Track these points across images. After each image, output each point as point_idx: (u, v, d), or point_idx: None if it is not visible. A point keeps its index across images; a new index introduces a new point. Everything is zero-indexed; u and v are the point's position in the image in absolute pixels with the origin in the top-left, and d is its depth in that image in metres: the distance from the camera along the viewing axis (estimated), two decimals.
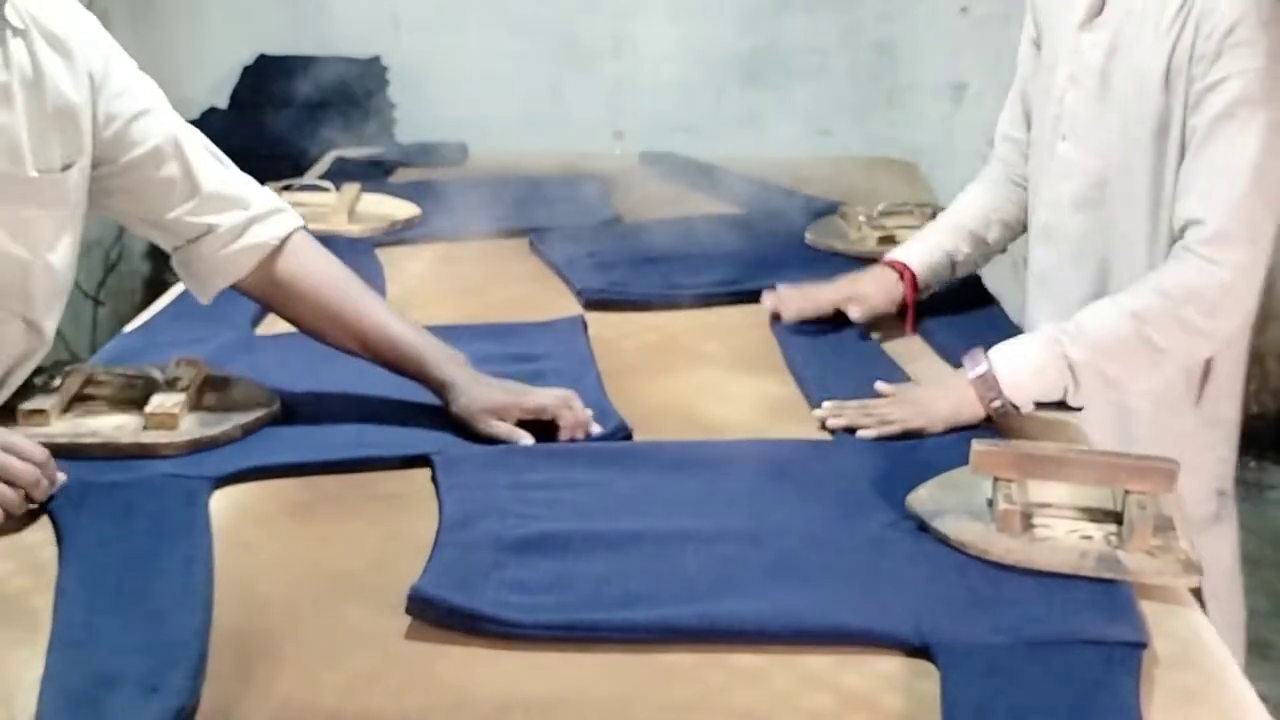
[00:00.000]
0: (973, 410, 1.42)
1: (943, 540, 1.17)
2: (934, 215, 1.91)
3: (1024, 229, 1.77)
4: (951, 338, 1.67)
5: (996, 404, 1.41)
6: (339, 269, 1.50)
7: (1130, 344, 1.42)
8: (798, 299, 1.73)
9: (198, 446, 1.35)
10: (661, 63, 3.38)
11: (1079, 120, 1.56)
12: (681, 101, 3.39)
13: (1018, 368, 1.42)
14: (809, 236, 2.08)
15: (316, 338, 1.48)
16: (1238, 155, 1.41)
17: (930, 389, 1.48)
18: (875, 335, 1.70)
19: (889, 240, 1.98)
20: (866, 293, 1.71)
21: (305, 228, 1.52)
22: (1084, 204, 1.59)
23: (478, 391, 1.40)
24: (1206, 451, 1.63)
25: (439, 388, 1.43)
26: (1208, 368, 1.59)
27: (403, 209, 2.23)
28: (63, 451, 1.30)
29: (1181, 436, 1.56)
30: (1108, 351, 1.42)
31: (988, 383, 1.42)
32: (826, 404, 1.47)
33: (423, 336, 1.46)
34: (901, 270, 1.72)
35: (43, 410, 1.36)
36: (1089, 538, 1.17)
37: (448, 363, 1.43)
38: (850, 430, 1.42)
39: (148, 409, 1.37)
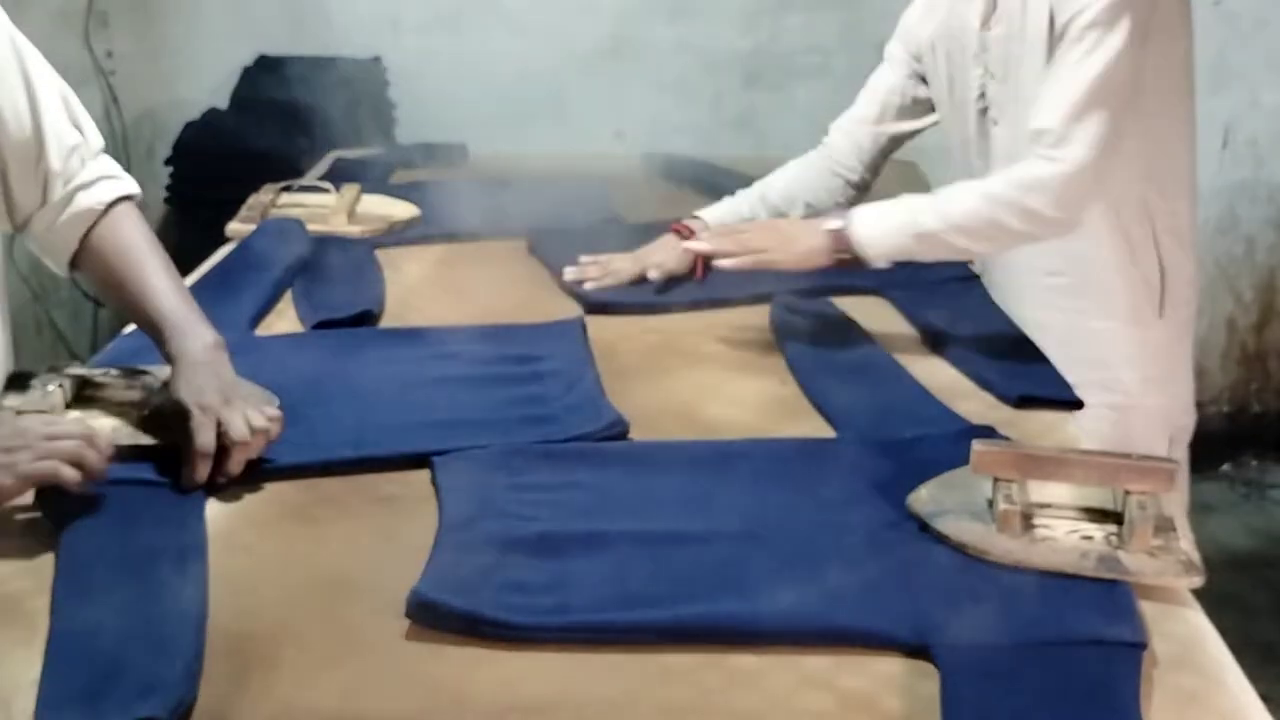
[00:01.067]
0: (821, 259, 1.65)
1: (943, 540, 1.17)
2: None
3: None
4: (953, 340, 1.68)
5: (845, 257, 1.64)
6: (144, 241, 1.45)
7: (980, 222, 1.61)
8: (596, 271, 1.89)
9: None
10: (662, 63, 3.37)
11: (1004, 106, 1.75)
12: (682, 102, 3.39)
13: (873, 229, 1.63)
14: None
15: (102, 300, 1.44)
16: (1081, 70, 1.58)
17: (793, 226, 1.73)
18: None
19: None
20: (659, 259, 1.88)
21: (132, 197, 1.48)
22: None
23: (188, 379, 1.32)
24: (1183, 361, 1.86)
25: (168, 361, 1.36)
26: (1163, 280, 1.78)
27: (403, 210, 2.23)
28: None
29: (1158, 349, 1.79)
30: (959, 226, 1.61)
31: (841, 239, 1.63)
32: (703, 236, 1.78)
33: (180, 308, 1.39)
34: (681, 230, 1.92)
35: (43, 412, 1.36)
36: (1089, 538, 1.16)
37: (185, 339, 1.35)
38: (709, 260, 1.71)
39: (147, 411, 1.37)
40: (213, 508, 1.26)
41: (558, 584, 1.10)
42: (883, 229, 1.62)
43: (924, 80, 1.90)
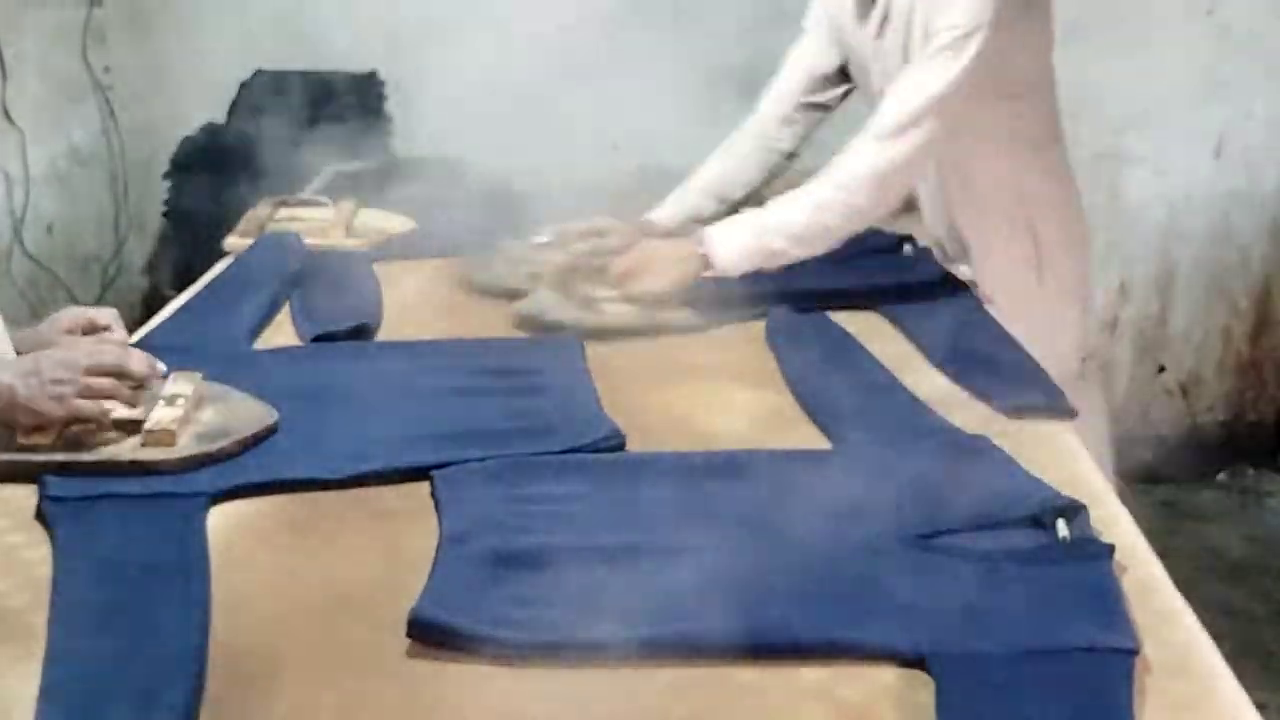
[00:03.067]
0: (690, 279, 1.83)
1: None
2: None
3: (763, 184, 2.15)
4: (940, 343, 1.69)
5: (709, 274, 1.83)
6: None
7: (817, 230, 1.82)
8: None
9: (196, 463, 1.35)
10: (658, 75, 3.38)
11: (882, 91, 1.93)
12: (678, 114, 3.39)
13: (730, 253, 1.83)
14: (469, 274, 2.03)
15: None
16: (928, 79, 1.78)
17: (665, 250, 1.88)
18: None
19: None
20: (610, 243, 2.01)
21: None
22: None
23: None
24: (1063, 323, 2.00)
25: None
26: (1039, 250, 1.98)
27: (400, 223, 2.24)
28: (62, 469, 1.31)
29: (1038, 313, 1.92)
30: (800, 239, 1.82)
31: (706, 261, 1.82)
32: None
33: None
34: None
35: (40, 428, 1.37)
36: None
37: None
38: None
39: (146, 425, 1.38)
40: (212, 522, 1.26)
41: (557, 599, 1.10)
42: (738, 253, 1.82)
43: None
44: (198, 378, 1.48)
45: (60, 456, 1.33)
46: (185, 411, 1.40)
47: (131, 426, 1.38)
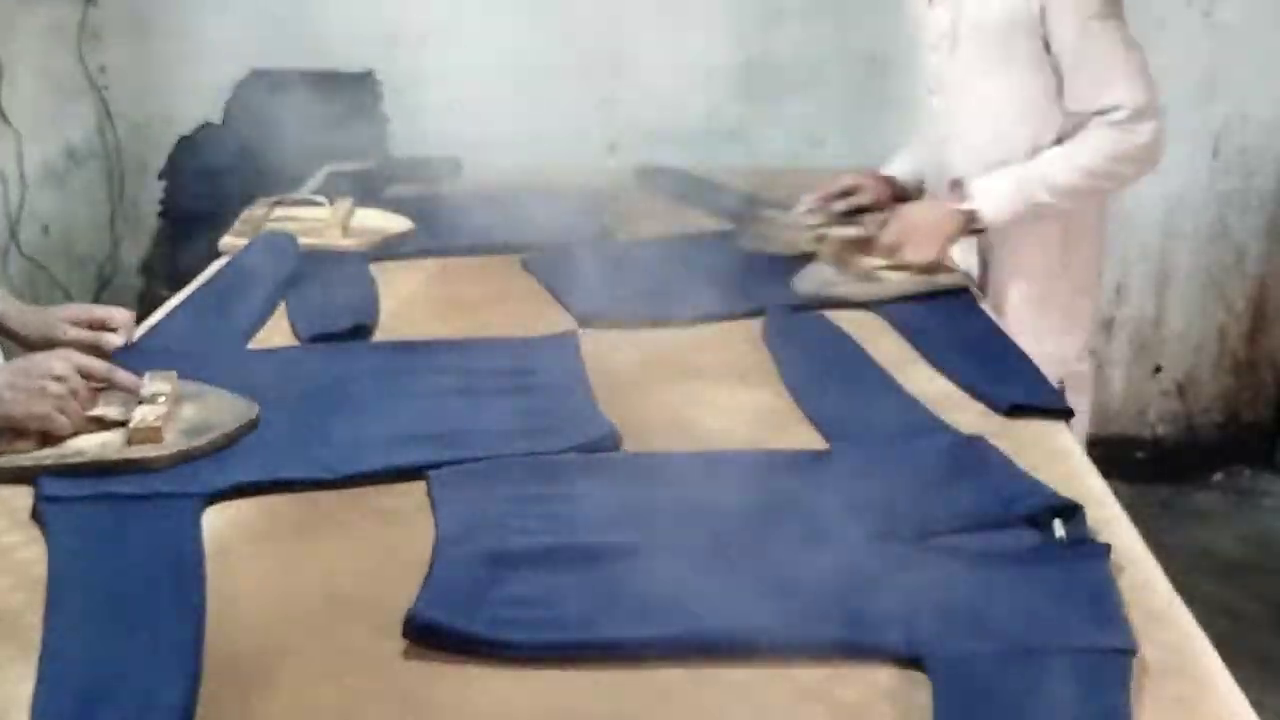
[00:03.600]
0: (953, 240, 2.00)
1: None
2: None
3: None
4: (937, 343, 1.70)
5: (975, 228, 2.00)
6: None
7: (1085, 191, 2.01)
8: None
9: (185, 458, 1.35)
10: (654, 76, 3.38)
11: (942, 77, 2.10)
12: (674, 114, 3.39)
13: (998, 206, 1.99)
14: (744, 243, 2.14)
15: None
16: (1111, 55, 1.95)
17: (922, 213, 2.02)
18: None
19: (821, 240, 2.07)
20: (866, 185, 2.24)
21: None
22: (951, 143, 2.13)
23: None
24: (1079, 314, 2.18)
25: None
26: (1066, 240, 2.12)
27: (396, 223, 2.23)
28: (52, 471, 1.31)
29: (1057, 303, 2.12)
30: (1064, 195, 1.98)
31: (972, 217, 1.98)
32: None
33: None
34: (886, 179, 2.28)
35: (24, 432, 1.36)
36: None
37: None
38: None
39: (131, 424, 1.37)
40: (208, 522, 1.26)
41: (554, 599, 1.10)
42: (1005, 205, 1.98)
43: None
44: (174, 376, 1.48)
45: (50, 458, 1.33)
46: (168, 409, 1.40)
47: (113, 426, 1.38)
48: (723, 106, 3.41)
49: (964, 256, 2.12)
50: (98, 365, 1.42)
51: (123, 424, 1.38)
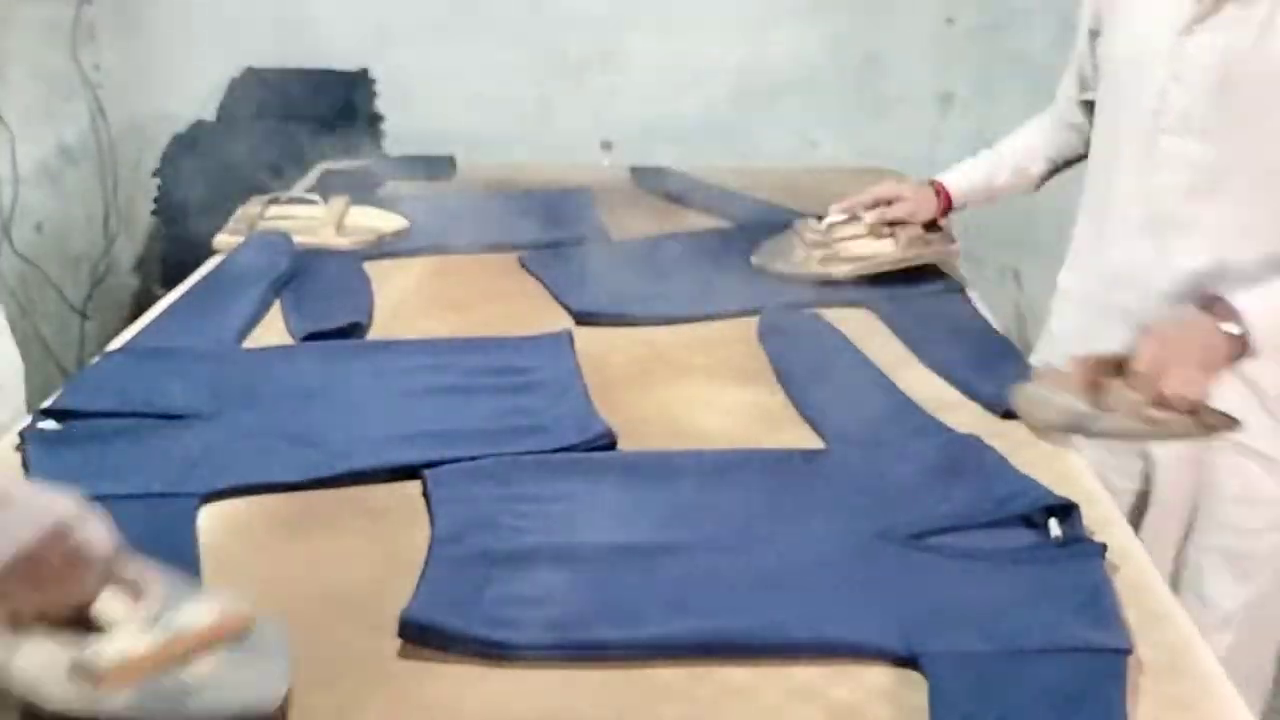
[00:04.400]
0: (1223, 365, 1.43)
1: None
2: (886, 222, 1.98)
3: (1066, 166, 1.95)
4: (939, 351, 1.69)
5: (1241, 359, 1.43)
6: None
7: None
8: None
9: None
10: (650, 74, 3.38)
11: (1190, 116, 1.56)
12: (670, 113, 3.39)
13: (1268, 323, 1.42)
14: (754, 260, 2.01)
15: None
16: None
17: (1194, 336, 1.43)
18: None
19: (833, 259, 1.93)
20: (906, 197, 1.97)
21: None
22: (1199, 196, 1.57)
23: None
24: None
25: None
26: None
27: (391, 222, 2.23)
28: None
29: None
30: None
31: (1238, 344, 1.42)
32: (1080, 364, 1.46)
33: None
34: (939, 189, 1.97)
35: None
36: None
37: None
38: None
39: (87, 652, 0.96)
40: (202, 522, 1.25)
41: (549, 599, 1.10)
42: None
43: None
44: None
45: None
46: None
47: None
48: (718, 106, 3.40)
49: None
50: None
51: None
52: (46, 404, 1.48)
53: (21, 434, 1.41)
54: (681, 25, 3.34)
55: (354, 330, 1.77)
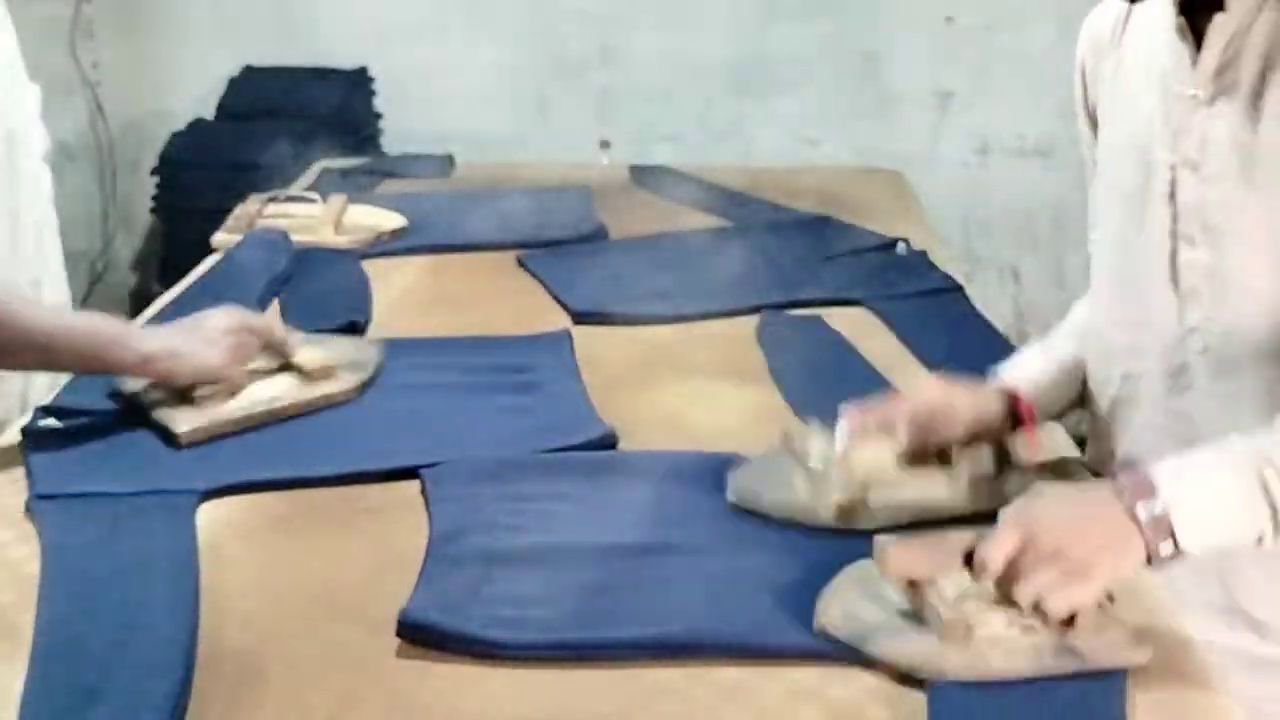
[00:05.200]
0: (1135, 560, 1.02)
1: (878, 663, 1.01)
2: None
3: None
4: (930, 343, 1.69)
5: (1166, 554, 1.02)
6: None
7: None
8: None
9: (364, 388, 1.52)
10: (648, 73, 3.38)
11: (1210, 215, 1.18)
12: (668, 111, 3.40)
13: (1203, 503, 1.02)
14: (732, 491, 1.29)
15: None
16: None
17: (1078, 512, 1.05)
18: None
19: (855, 504, 1.24)
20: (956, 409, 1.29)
21: None
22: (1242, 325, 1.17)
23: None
24: None
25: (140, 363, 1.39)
26: None
27: (389, 220, 2.23)
28: (258, 423, 1.42)
29: None
30: None
31: (1161, 526, 1.01)
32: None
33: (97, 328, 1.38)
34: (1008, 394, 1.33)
35: (212, 395, 1.43)
36: (1031, 627, 1.00)
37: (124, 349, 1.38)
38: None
39: (305, 367, 1.50)
40: (200, 520, 1.25)
41: (547, 599, 1.10)
42: (1217, 505, 1.03)
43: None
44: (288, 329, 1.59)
45: (243, 412, 1.42)
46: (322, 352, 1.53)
47: (266, 375, 1.49)
48: (717, 104, 3.41)
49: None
50: (258, 321, 1.52)
51: (273, 371, 1.49)
52: (47, 401, 1.48)
53: (23, 430, 1.41)
54: (680, 24, 3.34)
55: (352, 329, 1.77)
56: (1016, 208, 3.38)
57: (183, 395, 1.42)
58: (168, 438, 1.38)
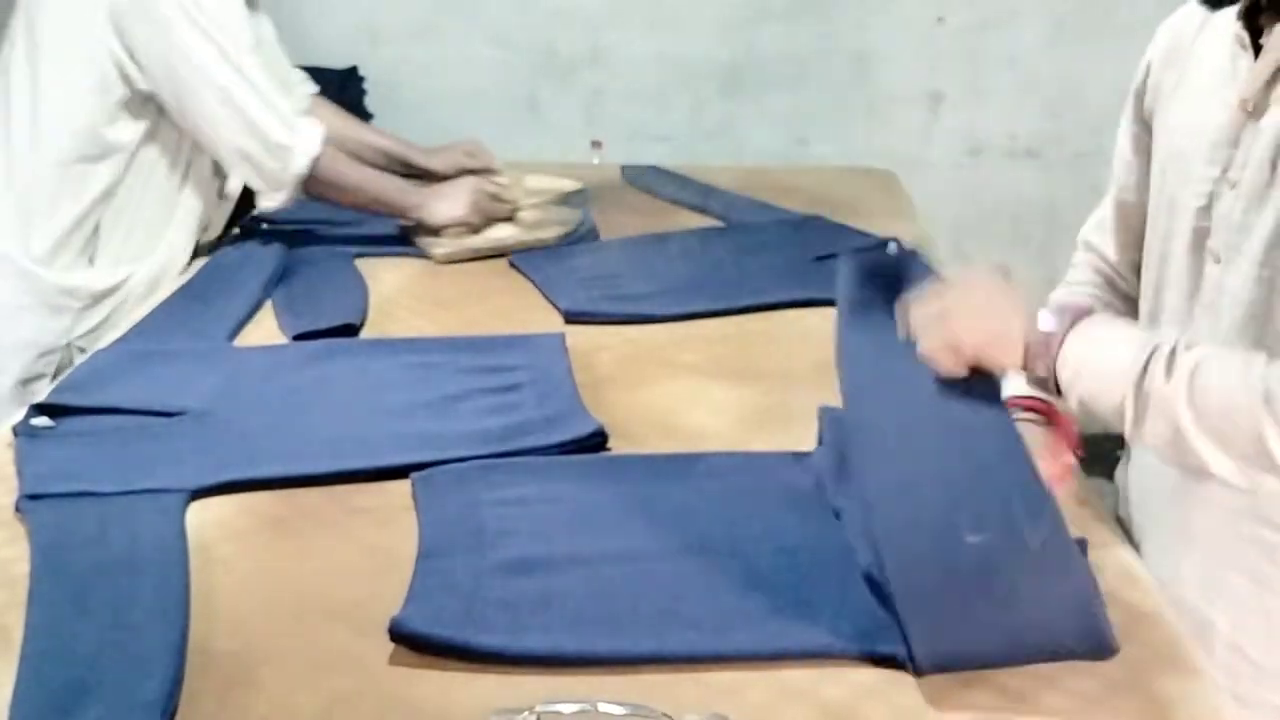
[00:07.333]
0: (1013, 363, 1.10)
1: None
2: None
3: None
4: None
5: (1040, 374, 1.10)
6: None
7: (1235, 421, 1.00)
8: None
9: (567, 236, 2.11)
10: (639, 73, 3.38)
11: (1235, 232, 1.15)
12: (659, 111, 3.40)
13: (1092, 366, 1.07)
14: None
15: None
16: None
17: (994, 302, 1.13)
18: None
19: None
20: None
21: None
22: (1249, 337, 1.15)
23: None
24: None
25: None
26: None
27: (563, 184, 2.26)
28: (484, 253, 2.05)
29: None
30: (1204, 411, 1.01)
31: (1050, 346, 1.08)
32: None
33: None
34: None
35: (459, 234, 2.07)
36: None
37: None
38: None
39: (525, 220, 2.13)
40: (190, 520, 1.25)
41: (540, 604, 1.10)
42: (1104, 371, 1.07)
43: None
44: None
45: (490, 245, 2.08)
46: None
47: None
48: (708, 104, 3.41)
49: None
50: (492, 186, 2.18)
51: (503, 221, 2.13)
52: (39, 400, 1.48)
53: (15, 429, 1.41)
54: (671, 23, 3.34)
55: (347, 330, 1.77)
56: (1007, 208, 3.38)
57: (437, 233, 2.07)
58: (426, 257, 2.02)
